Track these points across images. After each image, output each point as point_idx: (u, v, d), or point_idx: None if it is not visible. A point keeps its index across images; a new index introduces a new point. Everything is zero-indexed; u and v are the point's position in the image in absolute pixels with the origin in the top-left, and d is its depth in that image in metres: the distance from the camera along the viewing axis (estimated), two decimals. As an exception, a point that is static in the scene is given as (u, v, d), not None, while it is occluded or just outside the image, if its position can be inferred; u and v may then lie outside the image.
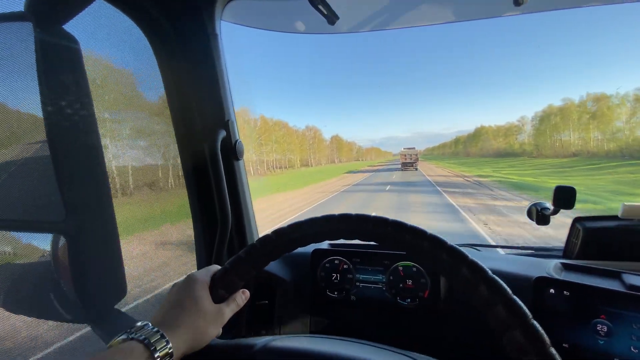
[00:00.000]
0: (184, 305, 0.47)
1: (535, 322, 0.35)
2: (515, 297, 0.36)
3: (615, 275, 0.78)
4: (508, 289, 0.37)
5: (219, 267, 0.53)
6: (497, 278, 0.38)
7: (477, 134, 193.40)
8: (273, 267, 1.03)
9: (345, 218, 0.46)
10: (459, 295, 0.88)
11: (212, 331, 0.48)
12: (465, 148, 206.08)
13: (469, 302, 0.40)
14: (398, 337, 0.93)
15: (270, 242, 0.48)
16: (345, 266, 1.00)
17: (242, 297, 0.54)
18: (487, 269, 0.39)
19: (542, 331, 0.34)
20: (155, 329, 0.43)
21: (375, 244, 0.46)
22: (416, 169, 45.16)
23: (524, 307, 0.36)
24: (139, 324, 0.44)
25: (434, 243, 0.41)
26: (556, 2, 0.93)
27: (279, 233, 0.48)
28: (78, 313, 0.80)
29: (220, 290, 0.49)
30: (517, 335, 0.34)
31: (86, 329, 0.82)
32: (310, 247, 1.06)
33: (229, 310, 0.51)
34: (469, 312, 0.86)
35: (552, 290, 0.75)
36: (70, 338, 0.85)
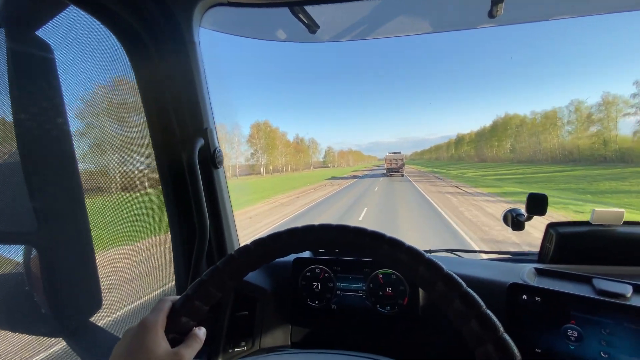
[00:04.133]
0: (134, 357, 0.42)
1: (505, 336, 0.35)
2: (487, 310, 0.37)
3: (587, 280, 0.80)
4: (482, 303, 0.38)
5: (174, 297, 0.49)
6: (471, 291, 0.39)
7: (501, 128, 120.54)
8: (253, 277, 1.02)
9: (324, 228, 0.46)
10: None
11: None
12: (477, 150, 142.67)
13: (444, 311, 0.40)
14: (378, 345, 0.94)
15: (233, 261, 0.46)
16: (326, 275, 1.00)
17: (202, 332, 0.49)
18: (463, 283, 0.39)
19: (513, 344, 0.35)
20: None
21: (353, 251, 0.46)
22: (402, 175, 41.49)
23: (496, 321, 0.36)
24: None
25: (410, 253, 0.42)
26: (527, 15, 0.96)
27: (242, 252, 0.46)
28: (52, 327, 0.78)
29: (183, 319, 0.46)
30: (488, 349, 0.35)
31: (61, 343, 0.80)
32: (292, 256, 1.06)
33: (189, 351, 0.46)
34: (447, 319, 0.87)
35: (524, 297, 0.77)
36: (44, 354, 0.83)
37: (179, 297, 0.48)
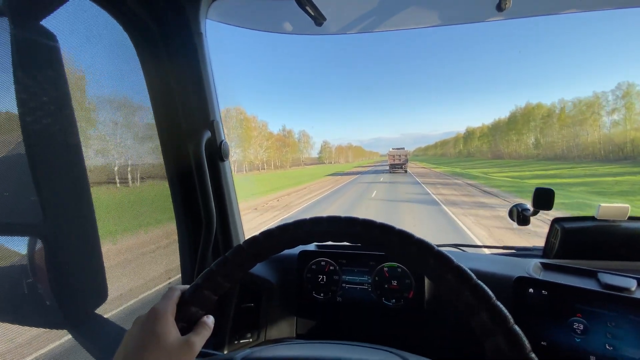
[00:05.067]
0: (145, 344, 0.43)
1: (516, 327, 0.35)
2: (498, 302, 0.37)
3: (592, 275, 0.81)
4: (492, 295, 0.38)
5: (183, 286, 0.49)
6: (481, 283, 0.39)
7: (522, 120, 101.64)
8: (259, 269, 1.02)
9: (316, 221, 0.46)
10: (443, 295, 0.90)
11: None
12: (490, 145, 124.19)
13: (452, 303, 0.40)
14: (383, 338, 0.94)
15: (243, 252, 0.46)
16: (331, 267, 1.01)
17: (211, 320, 0.49)
18: (473, 275, 0.39)
19: (523, 336, 0.35)
20: None
21: (359, 245, 0.46)
22: (406, 171, 38.56)
23: (506, 312, 0.36)
24: None
25: (420, 246, 0.41)
26: (536, 8, 0.95)
27: (251, 242, 0.46)
28: (57, 318, 0.78)
29: (192, 308, 0.46)
30: (499, 341, 0.35)
31: (66, 335, 0.80)
32: (297, 249, 1.06)
33: (199, 339, 0.46)
34: (453, 312, 0.87)
35: (531, 290, 0.77)
36: (50, 346, 0.83)
37: (188, 286, 0.48)
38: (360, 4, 0.97)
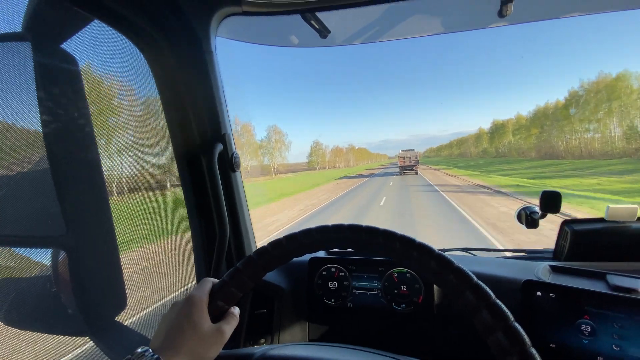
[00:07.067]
0: (183, 328, 0.46)
1: (516, 324, 0.37)
2: (497, 300, 0.39)
3: (601, 276, 0.81)
4: (491, 293, 0.39)
5: (214, 280, 0.53)
6: (481, 283, 0.40)
7: (595, 101, 68.89)
8: (271, 276, 1.05)
9: (339, 228, 0.48)
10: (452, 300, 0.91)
11: (213, 353, 0.48)
12: (536, 140, 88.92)
13: (455, 303, 0.42)
14: (394, 342, 0.95)
15: (267, 254, 0.49)
16: (341, 274, 1.02)
17: (237, 311, 0.54)
18: (473, 275, 0.41)
19: (523, 332, 0.36)
20: (156, 356, 0.43)
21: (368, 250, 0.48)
22: (416, 173, 38.25)
23: (506, 310, 0.38)
24: (138, 350, 0.44)
25: (421, 250, 0.43)
26: (537, 13, 0.96)
27: (275, 245, 0.49)
28: (79, 326, 0.80)
29: (219, 302, 0.50)
30: (499, 337, 0.37)
31: (89, 343, 0.83)
32: (307, 256, 1.08)
33: (229, 327, 0.50)
34: (463, 316, 0.88)
35: (539, 293, 0.78)
36: (73, 353, 0.86)
37: (217, 280, 0.52)
38: (363, 16, 1.00)
